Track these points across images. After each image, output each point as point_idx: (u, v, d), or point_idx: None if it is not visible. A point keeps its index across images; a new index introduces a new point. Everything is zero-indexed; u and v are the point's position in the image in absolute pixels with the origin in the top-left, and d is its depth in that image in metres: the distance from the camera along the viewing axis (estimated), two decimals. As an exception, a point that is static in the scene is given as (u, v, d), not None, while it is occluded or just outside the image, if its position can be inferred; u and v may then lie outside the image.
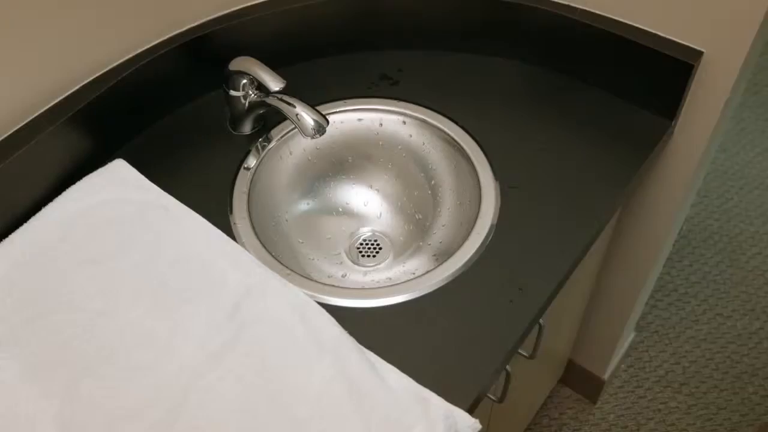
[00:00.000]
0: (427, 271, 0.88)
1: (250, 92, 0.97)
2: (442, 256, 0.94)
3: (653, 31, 0.99)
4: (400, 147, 1.05)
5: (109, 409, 0.73)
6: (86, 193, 0.90)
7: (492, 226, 0.91)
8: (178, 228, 0.88)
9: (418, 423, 0.72)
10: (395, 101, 1.06)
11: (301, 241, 0.99)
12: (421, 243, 1.00)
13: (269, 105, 0.96)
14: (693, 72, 0.97)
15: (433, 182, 1.04)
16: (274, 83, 0.92)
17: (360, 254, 1.01)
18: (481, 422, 0.74)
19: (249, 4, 1.06)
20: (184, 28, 1.01)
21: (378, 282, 0.95)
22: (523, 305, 0.83)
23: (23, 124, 0.89)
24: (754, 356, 1.75)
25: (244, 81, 0.96)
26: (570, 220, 0.92)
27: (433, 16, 1.09)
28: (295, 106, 0.92)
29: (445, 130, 1.02)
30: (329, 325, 0.79)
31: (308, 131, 0.92)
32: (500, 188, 0.95)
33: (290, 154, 1.03)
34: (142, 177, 0.93)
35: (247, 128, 1.03)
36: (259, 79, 0.93)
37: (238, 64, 0.95)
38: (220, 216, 0.92)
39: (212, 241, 0.87)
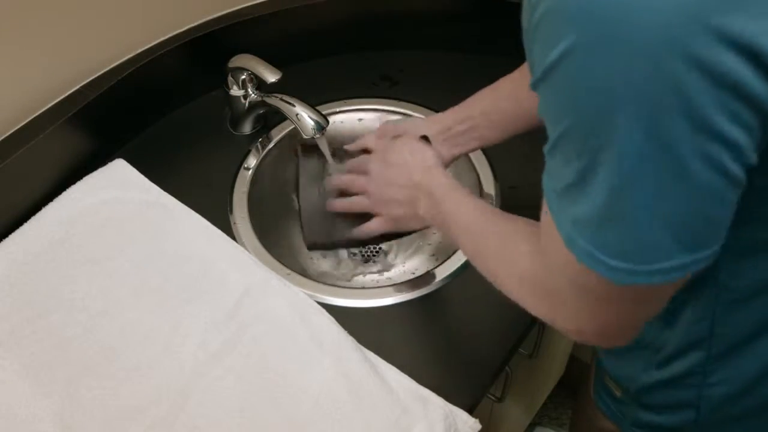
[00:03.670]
0: (427, 271, 0.88)
1: (251, 92, 0.97)
2: (442, 255, 0.94)
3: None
4: (400, 147, 1.05)
5: (109, 408, 0.73)
6: (86, 193, 0.90)
7: (492, 226, 0.91)
8: (178, 228, 0.88)
9: (418, 423, 0.72)
10: (395, 101, 1.06)
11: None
12: (421, 243, 1.00)
13: (269, 105, 0.96)
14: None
15: (433, 182, 1.04)
16: (271, 75, 0.92)
17: (360, 254, 1.01)
18: (481, 422, 0.74)
19: (249, 4, 1.06)
20: (184, 28, 1.01)
21: (378, 282, 0.95)
22: (523, 305, 0.83)
23: (23, 124, 0.89)
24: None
25: (243, 77, 0.96)
26: (570, 220, 0.91)
27: (433, 16, 1.09)
28: (295, 106, 0.92)
29: (445, 130, 1.02)
30: (329, 325, 0.79)
31: (308, 131, 0.93)
32: (500, 188, 0.95)
33: (290, 154, 1.03)
34: (143, 177, 0.93)
35: (247, 128, 1.03)
36: (256, 72, 0.93)
37: (237, 60, 0.96)
38: (220, 216, 0.92)
39: (212, 241, 0.87)
